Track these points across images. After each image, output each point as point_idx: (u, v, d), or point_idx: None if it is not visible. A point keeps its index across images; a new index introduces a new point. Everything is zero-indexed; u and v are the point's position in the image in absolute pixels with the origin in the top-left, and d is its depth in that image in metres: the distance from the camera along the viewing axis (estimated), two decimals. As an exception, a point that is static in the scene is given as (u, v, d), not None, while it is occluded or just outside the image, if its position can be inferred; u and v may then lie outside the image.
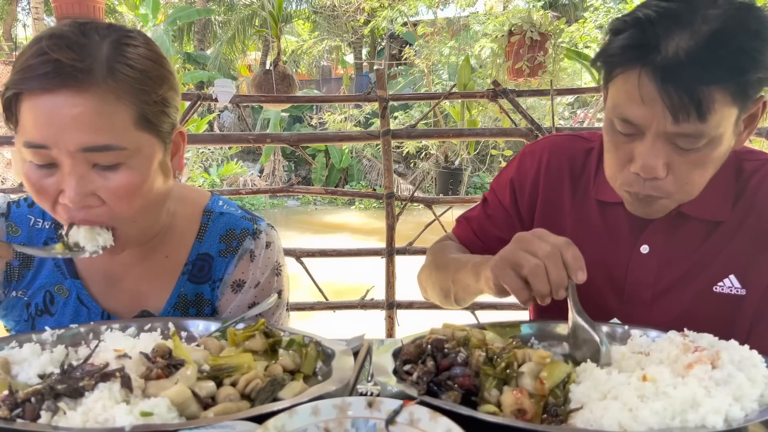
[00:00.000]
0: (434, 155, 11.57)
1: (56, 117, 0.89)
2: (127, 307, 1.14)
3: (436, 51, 11.55)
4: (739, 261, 1.10)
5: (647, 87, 0.92)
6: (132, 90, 0.93)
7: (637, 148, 0.98)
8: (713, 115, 0.91)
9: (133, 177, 0.95)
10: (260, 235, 1.18)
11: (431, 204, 3.17)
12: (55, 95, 0.88)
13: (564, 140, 1.29)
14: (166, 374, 0.80)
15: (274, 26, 5.76)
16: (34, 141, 0.90)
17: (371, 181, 13.69)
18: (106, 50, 0.92)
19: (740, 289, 1.10)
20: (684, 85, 0.89)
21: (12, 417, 0.71)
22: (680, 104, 0.90)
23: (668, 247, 1.13)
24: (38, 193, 0.94)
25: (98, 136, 0.90)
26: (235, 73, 16.21)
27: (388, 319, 3.01)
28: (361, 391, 0.86)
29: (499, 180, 1.34)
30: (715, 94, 0.90)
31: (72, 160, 0.91)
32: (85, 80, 0.89)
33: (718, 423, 0.71)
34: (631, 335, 1.01)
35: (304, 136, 3.25)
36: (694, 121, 0.91)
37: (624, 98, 0.97)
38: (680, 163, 0.97)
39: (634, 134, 0.98)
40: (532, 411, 0.75)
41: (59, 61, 0.88)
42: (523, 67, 4.45)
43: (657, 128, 0.94)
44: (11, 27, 15.35)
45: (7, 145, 2.93)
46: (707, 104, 0.90)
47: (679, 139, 0.95)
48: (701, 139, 0.94)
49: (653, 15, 0.93)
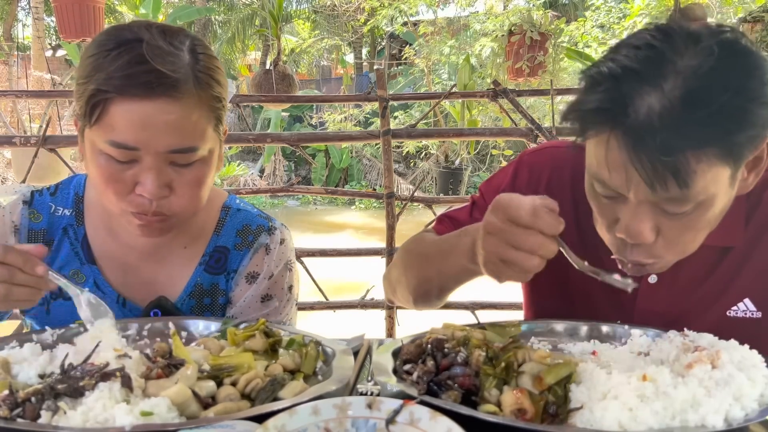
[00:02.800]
0: (434, 155, 11.56)
1: (151, 122, 0.96)
2: (142, 294, 1.17)
3: (436, 51, 11.55)
4: (754, 284, 1.04)
5: (616, 154, 0.82)
6: (211, 96, 1.02)
7: (621, 210, 0.88)
8: (697, 180, 0.80)
9: (204, 171, 1.05)
10: (275, 232, 1.24)
11: (431, 204, 3.17)
12: (153, 102, 0.95)
13: (566, 153, 1.14)
14: (166, 374, 0.80)
15: (274, 26, 5.75)
16: (126, 143, 0.96)
17: (371, 181, 13.68)
18: (188, 59, 1.00)
19: (755, 312, 1.04)
20: (657, 153, 0.77)
21: (12, 416, 0.71)
22: (654, 174, 0.79)
23: (678, 276, 1.05)
24: (115, 183, 1.00)
25: (185, 139, 0.99)
26: (235, 73, 16.19)
27: (388, 318, 3.01)
28: (361, 391, 0.86)
29: (490, 185, 1.22)
30: (698, 159, 0.78)
31: (155, 158, 0.98)
32: (180, 89, 0.97)
33: (718, 423, 0.71)
34: (631, 335, 1.01)
35: (304, 136, 3.26)
36: (674, 190, 0.80)
37: (597, 162, 0.86)
38: (670, 227, 0.87)
39: (616, 197, 0.88)
40: (532, 411, 0.75)
41: (160, 71, 0.94)
42: (523, 67, 4.45)
43: (636, 194, 0.84)
44: (11, 27, 15.36)
45: (7, 145, 2.93)
46: (686, 172, 0.78)
47: (664, 203, 0.84)
48: (687, 203, 0.83)
49: (619, 70, 0.81)
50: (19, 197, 1.20)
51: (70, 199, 1.20)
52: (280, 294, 1.23)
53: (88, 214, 1.19)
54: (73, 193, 1.20)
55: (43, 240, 1.17)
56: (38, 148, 2.73)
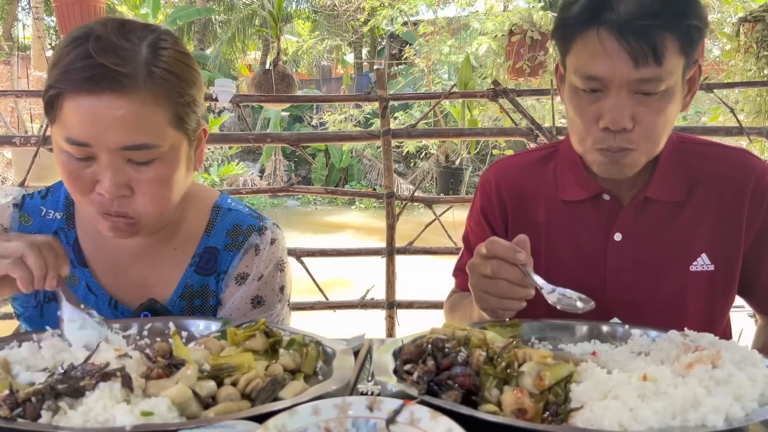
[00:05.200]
0: (434, 155, 11.55)
1: (99, 118, 0.94)
2: (134, 296, 1.17)
3: (436, 50, 11.54)
4: (708, 239, 1.20)
5: (608, 41, 1.04)
6: (168, 93, 0.99)
7: (604, 105, 1.08)
8: (667, 59, 1.03)
9: (165, 171, 1.02)
10: (266, 232, 1.22)
11: (431, 204, 3.16)
12: (99, 97, 0.94)
13: (510, 161, 1.39)
14: (166, 374, 0.80)
15: (274, 26, 5.75)
16: (77, 139, 0.96)
17: (371, 181, 13.68)
18: (144, 54, 0.97)
19: (710, 266, 1.20)
20: (640, 33, 1.02)
21: (13, 416, 0.71)
22: (639, 50, 1.02)
23: (639, 232, 1.22)
24: (75, 181, 1.00)
25: (137, 136, 0.97)
26: (235, 73, 16.19)
27: (388, 318, 3.01)
28: (361, 391, 0.86)
29: (470, 218, 1.41)
30: (666, 39, 1.03)
31: (110, 156, 0.97)
32: (128, 84, 0.94)
33: (718, 422, 0.71)
34: (631, 335, 1.01)
35: (305, 136, 3.25)
36: (652, 65, 1.03)
37: (586, 57, 1.08)
38: (644, 113, 1.08)
39: (599, 91, 1.08)
40: (532, 410, 0.75)
41: (104, 66, 0.93)
42: (523, 67, 4.44)
43: (620, 78, 1.05)
44: (11, 27, 15.36)
45: (7, 145, 2.93)
46: (661, 48, 1.02)
47: (640, 84, 1.05)
48: (660, 83, 1.05)
49: None
50: (10, 200, 1.19)
51: (61, 202, 1.19)
52: (271, 295, 1.21)
53: (78, 217, 1.18)
54: (64, 196, 1.20)
55: None
56: (38, 148, 2.73)
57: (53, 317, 1.13)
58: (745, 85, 3.94)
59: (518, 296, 1.02)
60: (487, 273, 1.01)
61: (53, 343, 0.92)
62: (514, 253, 1.00)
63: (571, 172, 1.26)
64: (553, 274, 1.22)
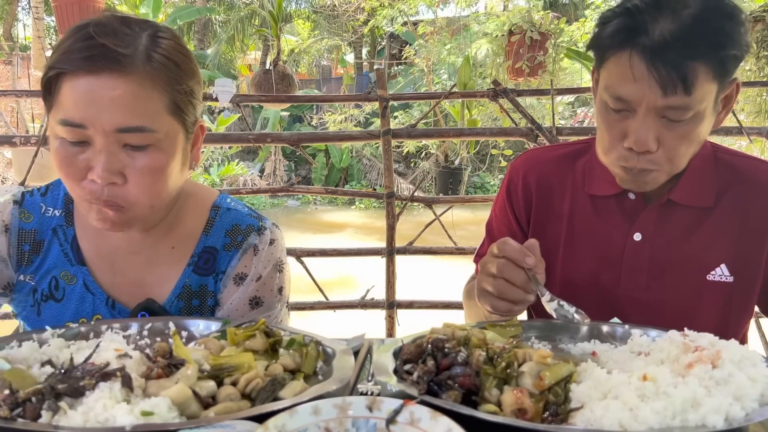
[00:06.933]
0: (434, 155, 11.56)
1: (96, 98, 0.94)
2: (131, 295, 1.16)
3: (436, 51, 11.54)
4: (729, 250, 1.19)
5: (638, 66, 1.03)
6: (166, 78, 1.00)
7: (630, 125, 1.07)
8: (697, 88, 1.01)
9: (159, 159, 1.01)
10: (265, 232, 1.21)
11: (431, 203, 3.16)
12: (97, 77, 0.94)
13: (541, 151, 1.40)
14: (166, 374, 0.80)
15: (274, 26, 5.75)
16: (73, 120, 0.95)
17: (371, 181, 13.68)
18: (144, 41, 0.99)
19: (729, 277, 1.19)
20: (671, 62, 1.00)
21: (13, 416, 0.71)
22: (668, 79, 1.00)
23: (660, 234, 1.22)
24: (68, 167, 0.99)
25: (134, 118, 0.97)
26: (235, 73, 16.19)
27: (388, 318, 3.01)
28: (361, 391, 0.86)
29: (495, 204, 1.43)
30: (698, 70, 1.00)
31: (105, 138, 0.96)
32: (127, 65, 0.95)
33: (718, 422, 0.71)
34: (631, 335, 1.01)
35: (305, 136, 3.24)
36: (681, 94, 1.01)
37: (616, 78, 1.07)
38: (669, 137, 1.07)
39: (626, 111, 1.08)
40: (532, 410, 0.75)
41: (105, 46, 0.94)
42: (523, 67, 4.44)
43: (648, 103, 1.04)
44: (11, 27, 15.35)
45: (7, 145, 2.93)
46: (692, 78, 1.00)
47: (667, 111, 1.04)
48: (688, 111, 1.03)
49: (640, 3, 1.04)
50: (10, 197, 1.19)
51: (60, 200, 1.19)
52: (270, 296, 1.21)
53: (77, 215, 1.18)
54: (63, 194, 1.19)
55: (34, 240, 1.16)
56: (38, 148, 2.73)
57: (50, 316, 1.14)
58: (745, 85, 3.94)
59: (516, 298, 1.02)
60: (492, 271, 1.03)
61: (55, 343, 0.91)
62: (523, 255, 1.01)
63: (601, 168, 1.24)
64: (569, 267, 1.28)
